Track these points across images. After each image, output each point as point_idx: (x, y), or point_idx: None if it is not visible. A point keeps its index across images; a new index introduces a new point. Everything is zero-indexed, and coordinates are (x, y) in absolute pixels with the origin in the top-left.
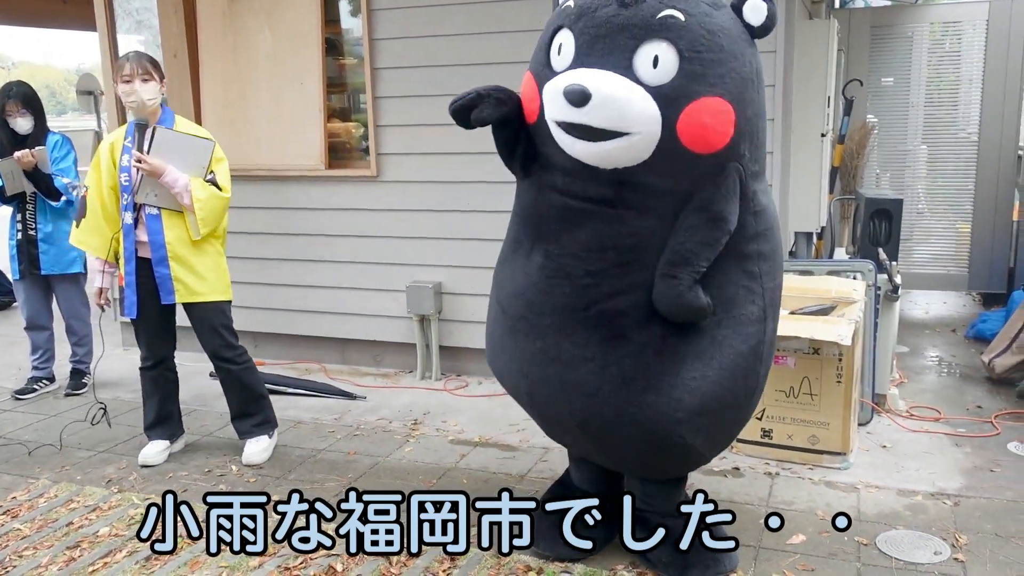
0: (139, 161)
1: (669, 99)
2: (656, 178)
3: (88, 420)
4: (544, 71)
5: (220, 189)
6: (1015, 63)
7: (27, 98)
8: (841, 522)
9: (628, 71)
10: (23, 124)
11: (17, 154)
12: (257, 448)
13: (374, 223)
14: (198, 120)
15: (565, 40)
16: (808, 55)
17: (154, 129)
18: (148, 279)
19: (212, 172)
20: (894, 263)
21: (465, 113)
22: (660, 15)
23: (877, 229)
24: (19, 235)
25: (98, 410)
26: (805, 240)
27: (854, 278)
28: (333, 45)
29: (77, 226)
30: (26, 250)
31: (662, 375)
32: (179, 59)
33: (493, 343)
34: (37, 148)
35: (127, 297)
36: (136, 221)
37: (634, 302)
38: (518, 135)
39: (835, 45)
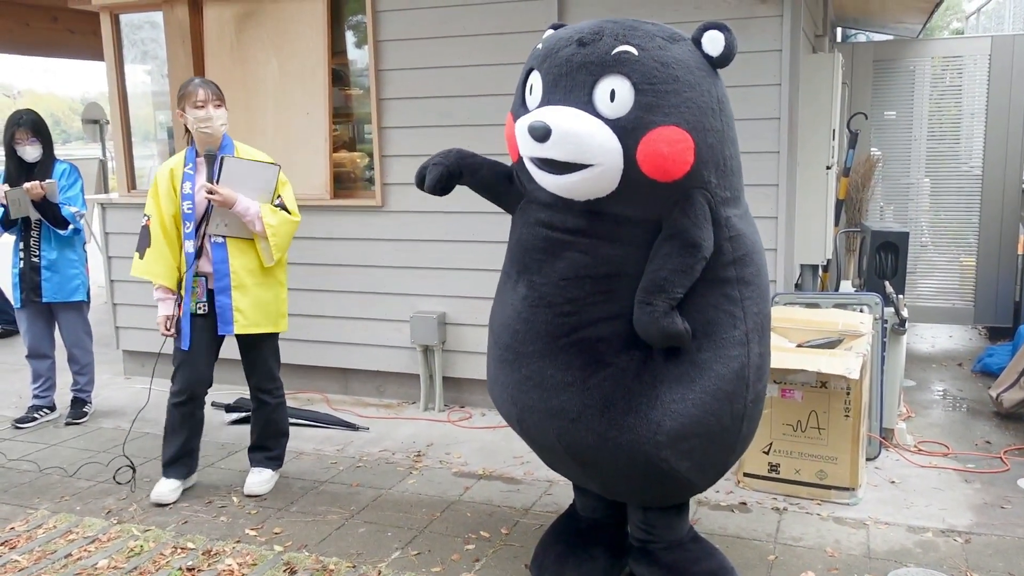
0: (211, 192)
1: (627, 130)
2: (625, 208)
3: (113, 478)
4: (520, 111)
5: (289, 213)
6: (1018, 98)
7: (36, 126)
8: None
9: (588, 106)
10: (31, 152)
11: (27, 185)
12: (260, 479)
13: (378, 253)
14: None
15: (535, 81)
16: (812, 89)
17: (222, 159)
18: (208, 309)
19: (279, 196)
20: (900, 296)
21: (421, 185)
22: (615, 51)
23: (883, 262)
24: (22, 263)
25: (126, 468)
26: (811, 272)
27: (860, 311)
28: (339, 76)
29: (141, 257)
30: (29, 277)
31: (641, 398)
32: None
33: (489, 374)
34: (47, 181)
35: (183, 328)
36: (199, 250)
37: (614, 329)
38: (484, 183)
39: (839, 79)
